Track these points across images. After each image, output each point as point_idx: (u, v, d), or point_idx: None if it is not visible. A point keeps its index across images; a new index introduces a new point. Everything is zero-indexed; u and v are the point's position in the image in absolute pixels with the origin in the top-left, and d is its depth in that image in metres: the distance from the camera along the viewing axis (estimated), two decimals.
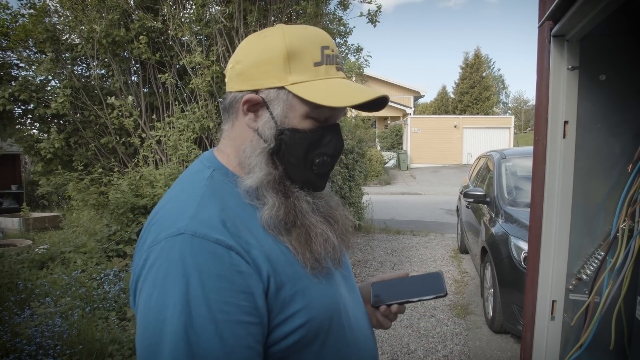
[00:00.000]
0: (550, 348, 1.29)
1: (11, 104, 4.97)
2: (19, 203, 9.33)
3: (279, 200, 0.69)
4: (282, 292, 0.64)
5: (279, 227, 0.68)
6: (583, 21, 1.06)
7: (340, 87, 0.69)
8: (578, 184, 1.24)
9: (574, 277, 1.25)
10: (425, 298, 0.82)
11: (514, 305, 3.09)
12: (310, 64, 0.69)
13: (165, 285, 0.58)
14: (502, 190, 4.11)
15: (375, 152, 17.58)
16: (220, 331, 0.57)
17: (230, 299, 0.59)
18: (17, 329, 2.52)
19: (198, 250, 0.59)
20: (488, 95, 30.43)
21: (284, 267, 0.66)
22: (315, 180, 0.73)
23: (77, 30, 5.03)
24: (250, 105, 0.70)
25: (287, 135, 0.69)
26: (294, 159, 0.70)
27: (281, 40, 0.69)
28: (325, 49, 0.70)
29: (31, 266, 3.99)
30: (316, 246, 0.69)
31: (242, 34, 4.84)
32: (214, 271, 0.59)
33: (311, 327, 0.66)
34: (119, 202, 4.00)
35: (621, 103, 1.20)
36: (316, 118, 0.70)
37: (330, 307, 0.70)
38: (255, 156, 0.70)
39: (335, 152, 0.73)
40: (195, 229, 0.61)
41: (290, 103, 0.69)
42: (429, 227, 7.93)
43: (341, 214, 0.79)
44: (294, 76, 0.68)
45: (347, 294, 0.78)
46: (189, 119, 4.75)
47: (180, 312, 0.56)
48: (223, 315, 0.58)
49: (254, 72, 0.70)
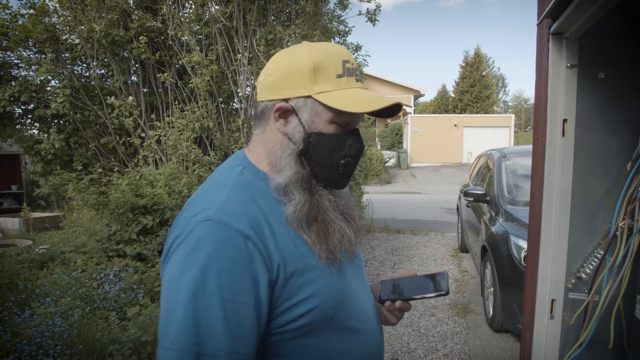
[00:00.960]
0: (550, 347, 1.28)
1: (11, 104, 4.98)
2: (19, 203, 9.34)
3: (304, 197, 0.78)
4: (291, 281, 0.72)
5: (301, 221, 0.77)
6: (581, 19, 1.06)
7: (360, 95, 0.79)
8: (577, 183, 1.24)
9: (574, 276, 1.25)
10: (427, 296, 0.86)
11: (514, 304, 3.09)
12: (334, 76, 0.79)
13: (187, 260, 0.68)
14: (502, 189, 4.10)
15: (376, 151, 17.58)
16: (224, 306, 0.66)
17: (239, 281, 0.67)
18: (17, 329, 2.53)
19: (220, 235, 0.69)
20: (488, 94, 30.39)
21: (295, 259, 0.74)
22: (339, 179, 0.82)
23: (77, 30, 5.03)
24: (282, 112, 0.80)
25: (314, 138, 0.79)
26: (320, 159, 0.80)
27: (308, 55, 0.79)
28: (346, 63, 0.80)
29: (31, 266, 3.99)
30: (333, 240, 0.78)
31: (241, 34, 4.84)
32: (230, 255, 0.68)
33: (317, 313, 0.74)
34: (119, 202, 3.99)
35: (620, 101, 1.19)
36: (339, 123, 0.79)
37: (338, 297, 0.78)
38: (285, 157, 0.80)
39: (357, 154, 0.82)
40: (221, 217, 0.70)
41: (317, 110, 0.79)
42: (429, 226, 7.93)
43: (357, 213, 0.88)
44: (319, 86, 0.78)
45: (357, 287, 0.85)
46: (189, 118, 4.75)
47: (195, 284, 0.66)
48: (229, 294, 0.67)
49: (284, 83, 0.80)
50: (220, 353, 0.65)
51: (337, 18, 5.94)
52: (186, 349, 0.64)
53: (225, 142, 5.01)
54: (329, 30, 5.76)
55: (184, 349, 0.64)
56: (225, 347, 0.65)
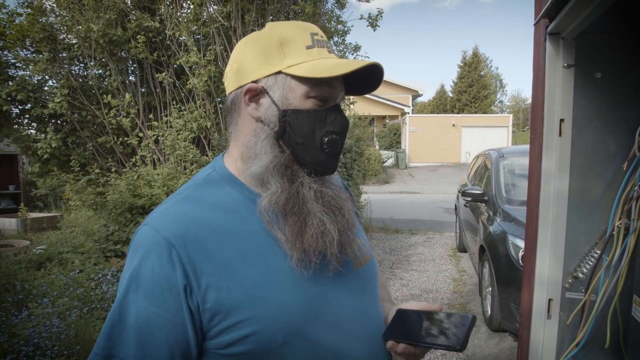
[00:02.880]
0: (547, 346, 1.29)
1: (8, 104, 4.96)
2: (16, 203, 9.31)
3: (282, 186, 0.70)
4: (226, 299, 0.65)
5: (277, 214, 0.70)
6: (578, 19, 1.06)
7: (334, 62, 0.72)
8: (574, 182, 1.24)
9: (570, 275, 1.25)
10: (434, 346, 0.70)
11: (512, 304, 3.10)
12: (303, 48, 0.72)
13: (126, 264, 0.69)
14: (500, 189, 4.11)
15: (374, 151, 17.58)
16: (138, 314, 0.64)
17: (155, 291, 0.64)
18: (14, 329, 2.52)
19: (149, 242, 0.67)
20: (486, 94, 30.45)
21: (234, 274, 0.66)
22: (326, 161, 0.73)
23: (74, 30, 5.02)
24: (252, 95, 0.73)
25: (291, 115, 0.71)
26: (300, 138, 0.71)
27: (272, 31, 0.73)
28: (314, 35, 0.74)
29: (29, 267, 3.98)
30: (309, 236, 0.68)
31: (239, 34, 4.83)
32: (151, 262, 0.65)
33: (259, 339, 0.65)
34: (117, 202, 3.98)
35: (617, 101, 1.20)
36: (317, 97, 0.71)
37: (290, 321, 0.66)
38: (260, 142, 0.72)
39: (342, 130, 0.74)
40: (155, 223, 0.68)
41: (289, 85, 0.71)
42: (427, 226, 7.94)
43: (349, 207, 0.77)
44: (288, 60, 0.71)
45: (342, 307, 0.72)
46: (187, 118, 4.74)
47: (124, 289, 0.66)
48: (144, 302, 0.64)
49: (250, 65, 0.73)
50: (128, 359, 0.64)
51: (335, 18, 5.94)
52: (98, 351, 0.65)
53: (223, 143, 5.00)
54: (327, 30, 5.76)
55: (97, 351, 0.65)
56: (133, 354, 0.63)
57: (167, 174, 4.25)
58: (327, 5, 5.74)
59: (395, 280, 4.82)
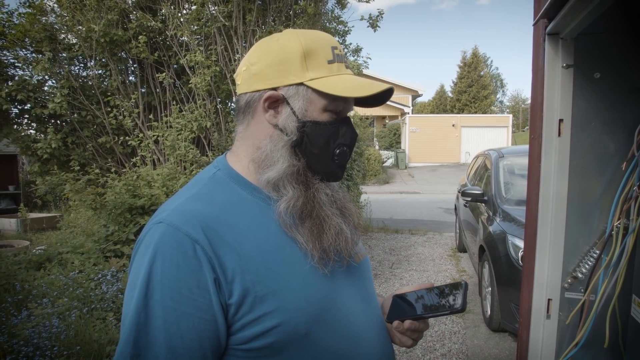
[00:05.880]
0: (546, 346, 1.29)
1: (8, 103, 4.96)
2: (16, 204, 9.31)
3: (298, 191, 0.73)
4: (250, 292, 0.65)
5: (295, 218, 0.72)
6: (577, 19, 1.06)
7: (352, 81, 0.75)
8: (573, 182, 1.24)
9: (570, 275, 1.26)
10: (439, 314, 0.75)
11: (512, 304, 3.10)
12: (325, 62, 0.75)
13: (139, 266, 0.65)
14: (499, 189, 4.11)
15: (374, 151, 17.58)
16: (166, 316, 0.62)
17: (183, 289, 0.63)
18: (14, 330, 2.52)
19: (168, 239, 0.65)
20: (486, 94, 30.46)
21: (258, 268, 0.67)
22: (336, 170, 0.77)
23: (75, 30, 5.02)
24: (271, 102, 0.75)
25: (309, 127, 0.74)
26: (316, 149, 0.75)
27: (297, 41, 0.74)
28: (334, 49, 0.76)
29: (28, 267, 3.98)
30: (327, 237, 0.72)
31: (240, 33, 4.83)
32: (175, 260, 0.63)
33: (284, 330, 0.66)
34: (117, 203, 3.98)
35: (615, 101, 1.20)
36: (332, 111, 0.75)
37: (312, 311, 0.69)
38: (278, 149, 0.74)
39: (351, 142, 0.78)
40: (172, 220, 0.66)
41: (310, 98, 0.74)
42: (427, 226, 7.94)
43: (354, 209, 0.83)
44: (311, 73, 0.73)
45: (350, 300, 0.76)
46: (187, 118, 4.74)
47: (139, 292, 0.63)
48: (172, 302, 0.62)
49: (271, 71, 0.74)
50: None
51: (336, 18, 5.94)
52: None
53: (223, 143, 5.00)
54: (328, 30, 5.76)
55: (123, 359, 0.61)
56: (164, 358, 0.61)
57: (167, 175, 4.25)
58: (327, 6, 5.75)
59: (395, 280, 4.82)
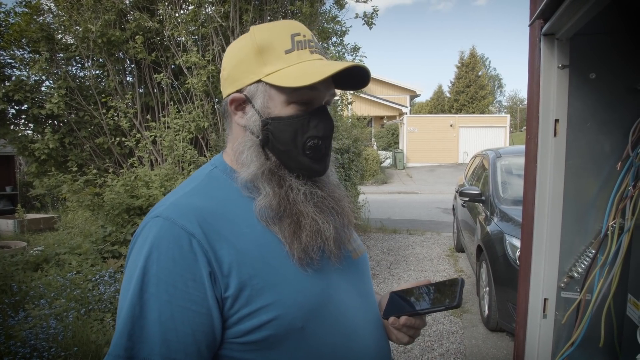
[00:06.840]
0: (543, 346, 1.29)
1: (5, 104, 4.94)
2: (13, 205, 9.28)
3: (272, 190, 0.72)
4: (247, 285, 0.65)
5: (272, 216, 0.71)
6: (572, 19, 1.07)
7: (312, 66, 0.71)
8: (569, 182, 1.25)
9: (566, 275, 1.26)
10: (435, 309, 0.75)
11: (509, 304, 3.11)
12: (281, 53, 0.72)
13: (136, 259, 0.65)
14: (497, 189, 4.13)
15: (372, 151, 17.60)
16: (160, 309, 0.62)
17: (178, 283, 0.63)
18: (11, 331, 2.51)
19: (165, 232, 0.65)
20: (484, 94, 30.51)
21: (254, 261, 0.67)
22: (310, 165, 0.74)
23: (72, 30, 5.00)
24: (237, 105, 0.76)
25: (271, 124, 0.73)
26: (282, 145, 0.73)
27: (250, 37, 0.74)
28: (295, 36, 0.73)
29: (26, 268, 3.96)
30: (305, 236, 0.70)
31: (237, 34, 4.83)
32: (171, 254, 0.63)
33: (280, 324, 0.66)
34: (114, 203, 3.98)
35: (611, 101, 1.20)
36: (298, 102, 0.72)
37: (308, 305, 0.68)
38: (247, 150, 0.74)
39: (325, 134, 0.74)
40: (169, 214, 0.67)
41: (269, 93, 0.73)
42: (425, 226, 7.95)
43: (346, 205, 0.79)
44: (268, 67, 0.72)
45: (345, 296, 0.75)
46: (185, 119, 4.73)
47: (135, 285, 0.63)
48: (167, 296, 0.62)
49: (235, 73, 0.75)
50: (153, 358, 0.60)
51: (333, 19, 5.95)
52: (119, 353, 0.61)
53: (220, 143, 5.00)
54: (325, 30, 5.76)
55: (116, 352, 0.61)
56: (158, 351, 0.61)
57: (165, 175, 4.24)
58: (325, 6, 5.75)
59: (393, 280, 4.83)
